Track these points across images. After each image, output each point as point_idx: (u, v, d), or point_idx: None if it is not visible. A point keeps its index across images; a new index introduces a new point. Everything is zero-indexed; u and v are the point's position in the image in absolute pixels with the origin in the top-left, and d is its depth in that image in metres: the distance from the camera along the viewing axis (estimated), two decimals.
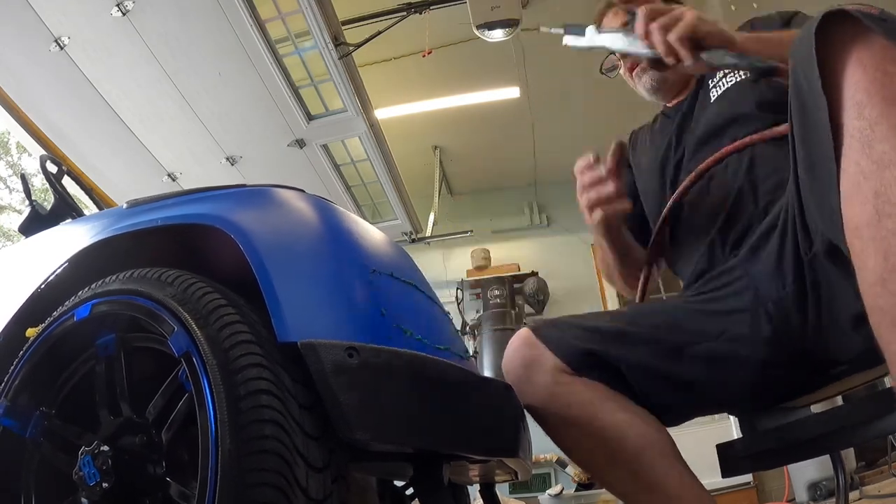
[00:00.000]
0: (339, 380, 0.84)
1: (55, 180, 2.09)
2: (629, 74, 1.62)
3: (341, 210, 1.14)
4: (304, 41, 3.88)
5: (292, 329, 0.88)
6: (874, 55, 0.73)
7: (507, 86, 5.54)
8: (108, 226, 1.20)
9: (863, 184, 0.72)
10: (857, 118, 0.73)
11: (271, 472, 0.81)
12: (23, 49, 3.59)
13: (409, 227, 5.63)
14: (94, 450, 1.00)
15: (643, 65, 1.52)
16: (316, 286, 0.96)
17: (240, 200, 1.09)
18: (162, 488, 0.97)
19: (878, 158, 0.71)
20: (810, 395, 1.27)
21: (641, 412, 1.23)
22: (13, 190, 11.52)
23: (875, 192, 0.71)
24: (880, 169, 0.70)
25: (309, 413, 0.88)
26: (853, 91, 0.74)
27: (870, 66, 0.73)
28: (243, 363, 0.86)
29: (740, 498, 4.76)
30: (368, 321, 0.96)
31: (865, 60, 0.73)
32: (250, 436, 0.82)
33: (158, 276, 1.01)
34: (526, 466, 1.35)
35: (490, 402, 1.11)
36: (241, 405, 0.83)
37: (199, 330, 0.89)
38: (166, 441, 0.97)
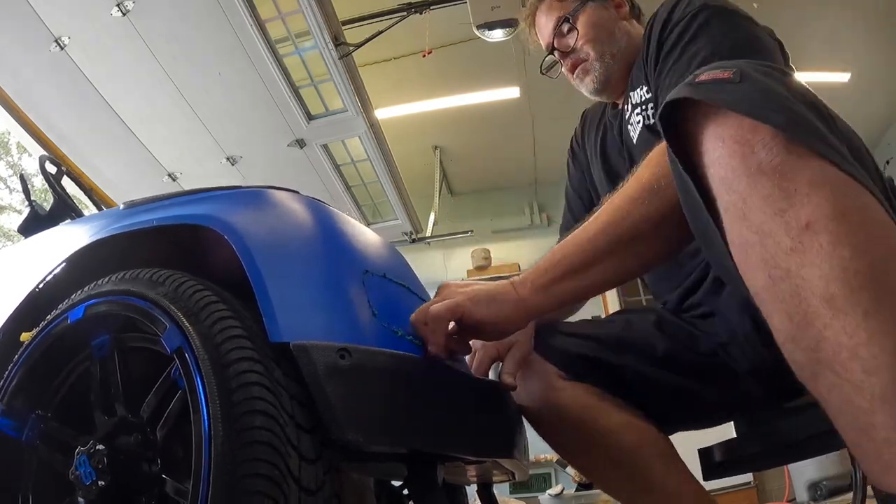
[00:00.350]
0: (331, 381, 0.84)
1: (55, 181, 2.09)
2: (570, 75, 1.52)
3: (335, 211, 1.14)
4: (304, 41, 3.88)
5: (284, 330, 0.88)
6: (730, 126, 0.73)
7: (507, 86, 5.54)
8: (105, 226, 1.21)
9: (750, 253, 0.73)
10: (728, 193, 0.74)
11: (264, 463, 0.81)
12: (23, 49, 3.60)
13: (409, 227, 5.64)
14: (89, 449, 1.01)
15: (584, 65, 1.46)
16: (308, 287, 0.97)
17: (234, 201, 1.09)
18: (158, 485, 0.98)
19: (757, 229, 0.72)
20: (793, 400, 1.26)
21: (637, 414, 1.23)
22: (13, 190, 11.54)
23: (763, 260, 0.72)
24: (762, 238, 0.71)
25: (301, 406, 0.88)
26: (716, 168, 0.74)
27: (728, 138, 0.73)
28: (235, 357, 0.86)
29: (740, 498, 4.76)
30: (361, 322, 0.97)
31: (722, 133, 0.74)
32: (242, 427, 0.82)
33: (150, 275, 1.01)
34: (522, 467, 1.35)
35: (484, 403, 1.11)
36: (233, 398, 0.83)
37: (191, 326, 0.90)
38: (161, 438, 0.98)
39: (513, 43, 4.70)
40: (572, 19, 1.46)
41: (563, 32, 1.48)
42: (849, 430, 0.70)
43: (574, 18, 1.46)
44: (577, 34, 1.46)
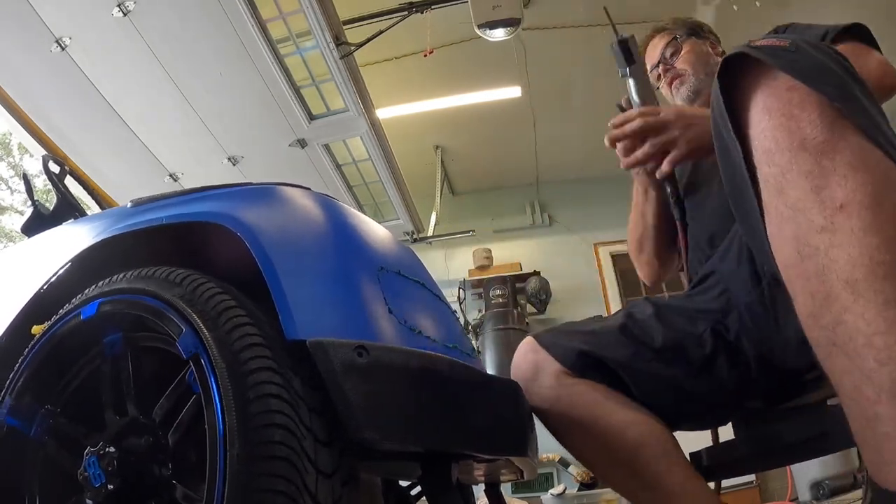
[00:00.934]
0: (348, 379, 0.83)
1: (58, 180, 2.08)
2: (667, 88, 1.82)
3: (347, 207, 1.13)
4: (305, 41, 3.87)
5: (301, 327, 0.87)
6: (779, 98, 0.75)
7: (508, 85, 5.53)
8: (113, 224, 1.20)
9: (783, 227, 0.76)
10: (768, 165, 0.76)
11: (280, 479, 0.80)
12: (24, 50, 3.59)
13: (410, 226, 5.63)
14: (99, 450, 0.99)
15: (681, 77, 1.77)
16: (324, 284, 0.96)
17: (245, 198, 1.08)
18: (168, 491, 0.96)
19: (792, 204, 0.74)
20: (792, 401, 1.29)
21: (642, 411, 1.25)
22: (14, 191, 11.53)
23: (794, 236, 0.74)
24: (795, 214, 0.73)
25: (319, 417, 0.87)
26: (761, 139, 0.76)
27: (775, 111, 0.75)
28: (253, 366, 0.85)
29: (742, 497, 4.75)
30: (377, 319, 0.96)
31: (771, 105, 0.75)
32: (259, 440, 0.80)
33: (166, 275, 0.99)
34: (532, 465, 1.35)
35: (499, 401, 1.11)
36: (250, 409, 0.82)
37: (209, 332, 0.88)
38: (173, 443, 0.96)
39: (514, 42, 4.70)
40: (679, 41, 1.82)
41: (668, 54, 1.83)
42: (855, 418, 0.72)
43: (680, 42, 1.82)
44: (679, 56, 1.81)
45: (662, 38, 1.87)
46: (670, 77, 1.81)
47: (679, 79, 1.79)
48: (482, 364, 1.20)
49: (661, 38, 1.88)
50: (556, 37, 5.07)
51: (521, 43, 4.92)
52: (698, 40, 1.84)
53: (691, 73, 1.77)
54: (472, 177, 6.95)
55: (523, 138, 6.21)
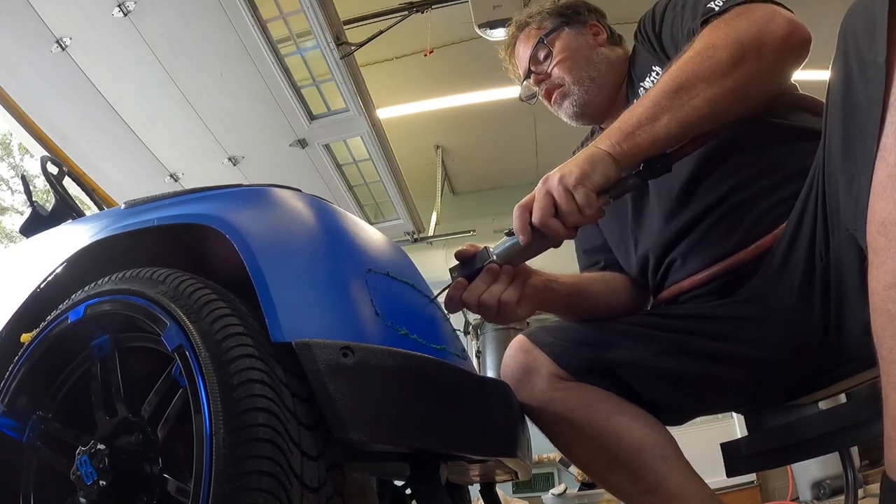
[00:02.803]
0: (334, 379, 0.84)
1: (56, 181, 2.09)
2: (547, 102, 1.53)
3: (338, 209, 1.14)
4: (305, 41, 3.88)
5: (286, 329, 0.88)
6: None
7: (508, 85, 5.52)
8: (106, 226, 1.20)
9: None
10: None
11: (265, 460, 0.81)
12: (24, 50, 3.60)
13: (411, 226, 5.63)
14: (90, 449, 1.00)
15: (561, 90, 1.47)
16: (311, 285, 0.96)
17: (235, 200, 1.09)
18: (159, 485, 0.98)
19: None
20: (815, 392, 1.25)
21: (640, 413, 1.22)
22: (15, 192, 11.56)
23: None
24: None
25: (303, 403, 0.88)
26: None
27: None
28: (235, 354, 0.86)
29: (744, 497, 4.75)
30: (363, 321, 0.96)
31: None
32: (244, 424, 0.82)
33: (150, 274, 1.01)
34: (525, 466, 1.35)
35: (487, 402, 1.11)
36: (234, 395, 0.83)
37: (192, 324, 0.90)
38: (162, 438, 0.98)
39: None
40: (547, 41, 1.47)
41: (539, 59, 1.49)
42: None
43: (550, 41, 1.48)
44: (553, 59, 1.47)
45: (528, 36, 1.52)
46: (546, 90, 1.49)
47: (558, 91, 1.47)
48: (479, 365, 1.20)
49: (526, 37, 1.53)
50: None
51: None
52: (573, 30, 1.48)
53: (571, 81, 1.45)
54: (472, 176, 6.95)
55: (524, 138, 6.20)
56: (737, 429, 4.72)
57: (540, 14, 1.53)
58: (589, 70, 1.45)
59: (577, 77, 1.45)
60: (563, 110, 1.49)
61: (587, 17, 1.53)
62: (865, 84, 0.70)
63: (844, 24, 0.76)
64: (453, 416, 0.99)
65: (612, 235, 1.51)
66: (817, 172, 0.94)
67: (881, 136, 0.68)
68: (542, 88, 1.50)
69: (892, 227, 0.67)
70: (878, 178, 0.68)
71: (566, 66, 1.45)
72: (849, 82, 0.75)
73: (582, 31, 1.49)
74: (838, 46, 0.77)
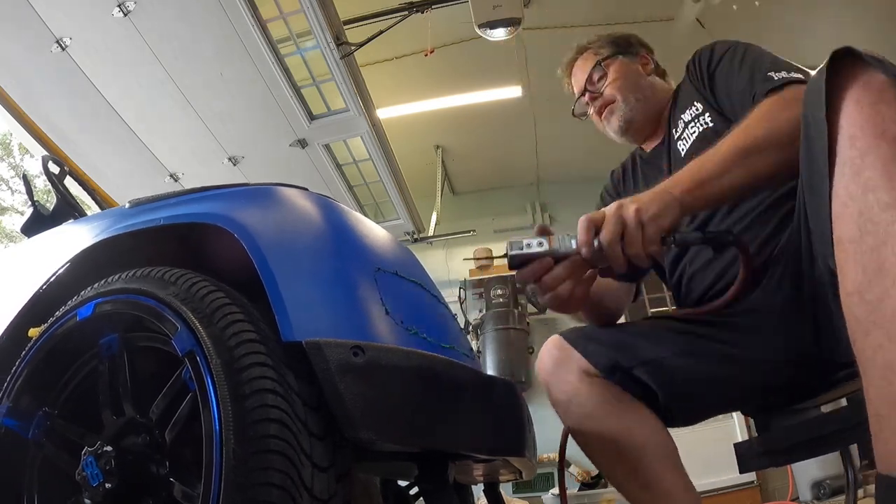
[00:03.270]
0: (344, 379, 0.84)
1: (57, 181, 2.08)
2: (597, 118, 1.72)
3: (345, 208, 1.13)
4: (305, 41, 3.87)
5: (297, 328, 0.87)
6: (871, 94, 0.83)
7: (509, 85, 5.52)
8: (111, 225, 1.20)
9: (849, 205, 0.82)
10: (850, 148, 0.82)
11: (276, 472, 0.80)
12: (24, 50, 3.59)
13: (411, 226, 5.63)
14: (97, 450, 1.00)
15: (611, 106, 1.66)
16: (320, 285, 0.96)
17: (243, 199, 1.09)
18: (165, 488, 0.97)
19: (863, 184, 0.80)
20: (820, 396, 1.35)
21: (649, 417, 1.33)
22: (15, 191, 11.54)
23: (859, 212, 0.80)
24: (865, 193, 0.80)
25: (314, 412, 0.87)
26: (848, 126, 0.83)
27: (865, 104, 0.83)
28: (248, 362, 0.85)
29: (744, 497, 4.76)
30: (373, 320, 0.96)
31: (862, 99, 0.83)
32: (255, 435, 0.81)
33: (162, 275, 1.00)
34: (531, 465, 1.35)
35: (496, 402, 1.11)
36: (245, 404, 0.82)
37: (203, 329, 0.89)
38: (170, 441, 0.97)
39: (514, 42, 4.70)
40: (604, 64, 1.70)
41: (594, 80, 1.71)
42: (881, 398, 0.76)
43: (605, 65, 1.70)
44: (607, 80, 1.69)
45: (586, 59, 1.75)
46: (599, 106, 1.70)
47: (608, 107, 1.68)
48: (481, 364, 1.20)
49: (584, 61, 1.76)
50: (557, 37, 5.06)
51: (522, 43, 4.92)
52: (626, 59, 1.72)
53: (621, 99, 1.66)
54: (472, 177, 6.94)
55: (524, 138, 6.20)
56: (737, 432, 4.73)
57: (599, 41, 1.76)
58: (636, 93, 1.66)
59: (625, 97, 1.65)
60: (610, 125, 1.68)
61: (638, 49, 1.76)
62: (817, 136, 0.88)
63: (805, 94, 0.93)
64: (463, 415, 0.99)
65: None
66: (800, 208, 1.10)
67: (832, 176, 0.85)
68: (595, 105, 1.71)
69: (847, 244, 0.82)
70: (835, 208, 0.84)
71: (617, 87, 1.67)
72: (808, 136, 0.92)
73: (633, 60, 1.73)
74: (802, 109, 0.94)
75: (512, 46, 4.85)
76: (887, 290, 0.76)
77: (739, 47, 1.42)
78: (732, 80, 1.39)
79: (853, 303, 0.81)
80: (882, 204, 0.78)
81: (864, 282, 0.79)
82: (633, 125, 1.66)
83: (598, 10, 4.90)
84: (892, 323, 0.75)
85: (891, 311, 0.75)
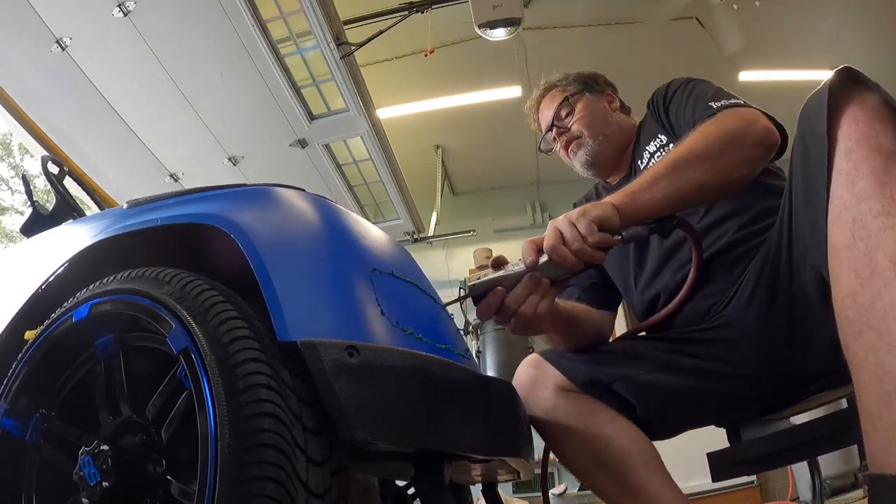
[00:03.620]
0: (339, 379, 0.84)
1: (57, 181, 2.09)
2: (564, 153, 1.77)
3: (342, 209, 1.14)
4: (305, 41, 3.87)
5: (292, 328, 0.88)
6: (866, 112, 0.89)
7: (509, 85, 5.53)
8: (109, 226, 1.20)
9: (843, 213, 0.87)
10: (846, 161, 0.88)
11: (271, 466, 0.81)
12: (24, 50, 3.59)
13: (411, 226, 5.63)
14: (93, 450, 1.00)
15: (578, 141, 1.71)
16: (316, 285, 0.96)
17: (239, 200, 1.09)
18: (163, 486, 0.97)
19: (857, 193, 0.86)
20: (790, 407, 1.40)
21: (629, 425, 1.37)
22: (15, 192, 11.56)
23: (853, 220, 0.85)
24: (858, 201, 0.85)
25: (308, 407, 0.88)
26: (845, 140, 0.89)
27: (862, 121, 0.88)
28: (242, 358, 0.86)
29: (743, 497, 4.76)
30: (369, 320, 0.96)
31: (859, 116, 0.89)
32: (249, 430, 0.81)
33: (156, 274, 1.00)
34: (528, 466, 1.35)
35: (492, 402, 1.11)
36: (239, 399, 0.83)
37: (198, 326, 0.89)
38: (166, 439, 0.97)
39: (514, 42, 4.70)
40: (572, 100, 1.75)
41: (561, 116, 1.76)
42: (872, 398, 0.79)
43: (573, 101, 1.75)
44: (574, 117, 1.74)
45: (554, 97, 1.80)
46: (565, 140, 1.74)
47: (575, 142, 1.72)
48: (479, 364, 1.21)
49: (551, 98, 1.81)
50: (557, 37, 5.07)
51: (522, 43, 4.92)
52: (592, 96, 1.77)
53: (588, 135, 1.70)
54: (472, 177, 6.95)
55: (524, 138, 6.18)
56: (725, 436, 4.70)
57: (566, 79, 1.82)
58: (603, 128, 1.71)
59: (592, 132, 1.70)
60: (577, 158, 1.73)
61: (604, 87, 1.81)
62: (816, 150, 0.93)
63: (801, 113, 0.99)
64: (459, 415, 0.99)
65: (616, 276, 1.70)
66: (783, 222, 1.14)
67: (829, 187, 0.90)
68: (561, 140, 1.75)
69: (842, 250, 0.87)
70: (830, 217, 0.90)
71: (584, 123, 1.72)
72: (805, 151, 0.98)
73: (599, 98, 1.78)
74: (798, 127, 1.01)
75: (512, 46, 4.86)
76: (879, 293, 0.80)
77: (690, 83, 1.53)
78: (681, 112, 1.49)
79: (846, 306, 0.85)
80: (874, 211, 0.83)
81: (856, 285, 0.83)
82: (600, 159, 1.71)
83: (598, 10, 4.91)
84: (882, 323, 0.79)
85: (882, 313, 0.79)
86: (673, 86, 1.58)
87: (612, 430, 1.36)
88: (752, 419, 1.46)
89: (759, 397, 1.36)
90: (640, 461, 1.34)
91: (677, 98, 1.53)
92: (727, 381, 1.33)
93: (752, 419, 1.46)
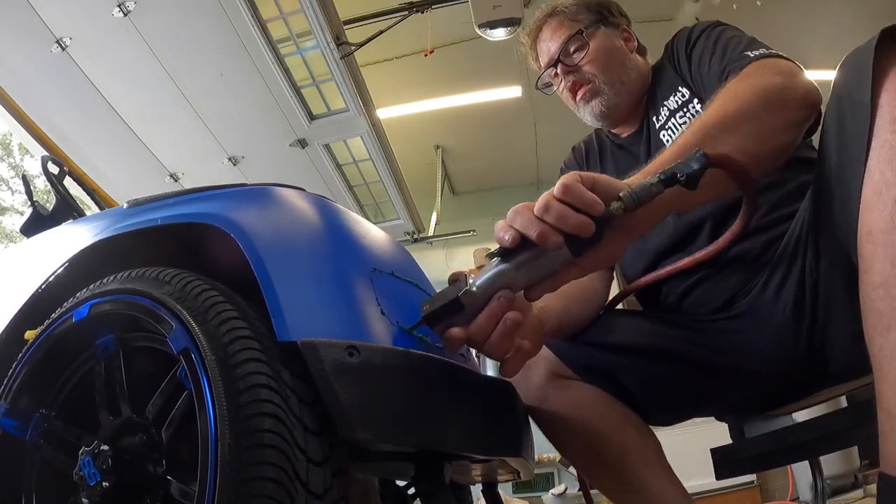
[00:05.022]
0: (339, 379, 0.84)
1: (57, 181, 2.08)
2: (570, 95, 1.49)
3: (342, 208, 1.14)
4: (305, 41, 3.88)
5: (292, 328, 0.87)
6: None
7: (509, 85, 5.53)
8: (109, 226, 1.20)
9: (884, 192, 0.76)
10: (891, 132, 0.76)
11: (271, 466, 0.81)
12: (24, 50, 3.60)
13: (411, 226, 5.64)
14: (94, 450, 1.00)
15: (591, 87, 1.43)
16: (316, 285, 0.96)
17: (239, 199, 1.09)
18: (163, 487, 0.97)
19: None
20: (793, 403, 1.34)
21: (630, 417, 1.27)
22: (15, 192, 11.56)
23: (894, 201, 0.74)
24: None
25: (308, 407, 0.88)
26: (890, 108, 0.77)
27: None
28: (242, 358, 0.85)
29: (743, 497, 4.75)
30: (369, 320, 0.96)
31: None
32: (250, 430, 0.81)
33: (156, 274, 1.00)
34: (528, 466, 1.35)
35: (492, 402, 1.11)
36: (240, 399, 0.82)
37: (198, 326, 0.89)
38: (166, 439, 0.97)
39: (514, 42, 4.70)
40: (586, 35, 1.45)
41: (569, 50, 1.46)
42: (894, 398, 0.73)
43: (587, 36, 1.45)
44: (586, 54, 1.44)
45: (561, 24, 1.48)
46: (573, 82, 1.46)
47: (587, 88, 1.44)
48: (479, 364, 1.21)
49: (559, 25, 1.48)
50: None
51: None
52: (608, 30, 1.47)
53: (603, 81, 1.43)
54: (472, 176, 6.96)
55: (524, 138, 6.21)
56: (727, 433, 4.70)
57: (576, 5, 1.50)
58: (621, 74, 1.44)
59: (609, 78, 1.44)
60: (588, 108, 1.47)
61: (619, 20, 1.52)
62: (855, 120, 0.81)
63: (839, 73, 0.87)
64: (459, 415, 0.99)
65: None
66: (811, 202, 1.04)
67: (867, 161, 0.79)
68: (567, 80, 1.47)
69: (878, 234, 0.76)
70: (865, 195, 0.79)
71: (601, 65, 1.44)
72: (842, 119, 0.86)
73: (616, 33, 1.49)
74: (833, 90, 0.88)
75: (511, 46, 4.85)
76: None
77: (717, 28, 1.32)
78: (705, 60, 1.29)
79: (878, 296, 0.76)
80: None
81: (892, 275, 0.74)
82: (615, 112, 1.46)
83: None
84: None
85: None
86: (696, 30, 1.36)
87: (610, 424, 1.24)
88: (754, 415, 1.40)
89: (766, 393, 1.28)
90: (641, 459, 1.24)
91: (701, 44, 1.32)
92: (739, 377, 1.24)
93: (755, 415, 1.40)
